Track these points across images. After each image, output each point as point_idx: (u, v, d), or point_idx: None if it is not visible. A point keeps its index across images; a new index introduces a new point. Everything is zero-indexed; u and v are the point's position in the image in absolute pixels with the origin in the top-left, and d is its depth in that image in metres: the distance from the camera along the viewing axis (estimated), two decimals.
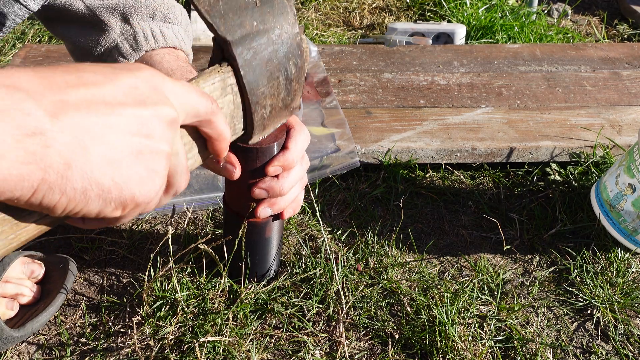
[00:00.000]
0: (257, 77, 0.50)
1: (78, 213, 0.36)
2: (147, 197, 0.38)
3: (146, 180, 0.38)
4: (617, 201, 0.87)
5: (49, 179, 0.32)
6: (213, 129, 0.45)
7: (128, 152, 0.36)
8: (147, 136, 0.37)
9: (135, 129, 0.36)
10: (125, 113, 0.36)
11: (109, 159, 0.35)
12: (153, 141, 0.37)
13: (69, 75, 0.35)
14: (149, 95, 0.38)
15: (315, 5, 1.63)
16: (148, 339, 0.73)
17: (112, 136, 0.35)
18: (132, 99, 0.36)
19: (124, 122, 0.36)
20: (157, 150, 0.38)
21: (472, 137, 1.02)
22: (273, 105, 0.53)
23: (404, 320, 0.77)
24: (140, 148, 0.37)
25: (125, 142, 0.36)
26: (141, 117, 0.37)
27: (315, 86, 1.14)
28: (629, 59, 1.29)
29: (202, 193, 0.93)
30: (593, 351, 0.76)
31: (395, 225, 0.92)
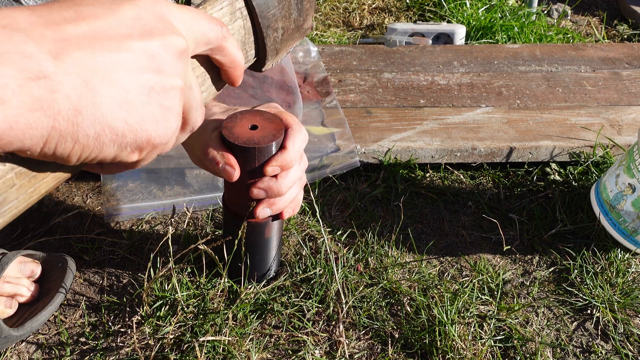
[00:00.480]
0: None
1: (94, 159, 0.34)
2: (164, 138, 0.36)
3: (161, 120, 0.35)
4: (617, 201, 0.87)
5: (59, 127, 0.31)
6: (226, 56, 0.42)
7: (139, 91, 0.34)
8: (157, 71, 0.35)
9: (144, 64, 0.34)
10: (132, 47, 0.33)
11: (120, 100, 0.33)
12: (164, 76, 0.35)
13: (66, 11, 0.32)
14: (155, 25, 0.35)
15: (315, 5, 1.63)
16: (148, 339, 0.73)
17: (120, 74, 0.33)
18: (137, 31, 0.34)
19: (131, 57, 0.33)
20: (170, 85, 0.35)
21: (472, 137, 1.02)
22: (285, 27, 0.50)
23: (403, 320, 0.77)
24: (151, 84, 0.34)
25: (136, 79, 0.33)
26: (149, 51, 0.34)
27: (315, 86, 1.14)
28: (628, 59, 1.29)
29: (202, 193, 0.93)
30: (593, 351, 0.76)
31: (395, 225, 0.92)
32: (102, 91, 0.32)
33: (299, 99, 1.08)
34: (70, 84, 0.30)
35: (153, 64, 0.34)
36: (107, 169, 0.39)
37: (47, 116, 0.30)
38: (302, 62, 1.21)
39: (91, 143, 0.32)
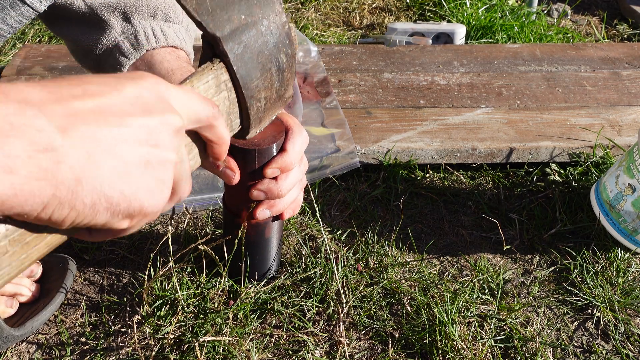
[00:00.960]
0: (250, 71, 0.50)
1: (86, 225, 0.36)
2: (155, 207, 0.38)
3: (154, 191, 0.38)
4: (617, 201, 0.87)
5: (60, 195, 0.33)
6: (214, 134, 0.45)
7: (137, 164, 0.36)
8: (154, 146, 0.37)
9: (143, 138, 0.36)
10: (134, 123, 0.36)
11: (119, 171, 0.35)
12: (160, 150, 0.38)
13: (75, 88, 0.35)
14: (155, 104, 0.38)
15: (315, 6, 1.63)
16: (148, 339, 0.73)
17: (121, 148, 0.35)
18: (138, 109, 0.37)
19: (132, 132, 0.36)
20: (165, 159, 0.38)
21: (472, 138, 1.02)
22: (267, 97, 0.53)
23: (404, 319, 0.77)
24: (148, 158, 0.37)
25: (134, 153, 0.36)
26: (148, 127, 0.37)
27: (315, 86, 1.15)
28: (628, 59, 1.29)
29: (202, 193, 0.93)
30: (593, 350, 0.76)
31: (395, 225, 0.92)
32: (103, 163, 0.34)
33: (299, 100, 1.08)
34: (75, 156, 0.33)
35: (151, 138, 0.37)
36: (95, 236, 0.41)
37: (51, 185, 0.32)
38: (302, 62, 1.21)
39: (87, 210, 0.34)
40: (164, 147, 0.38)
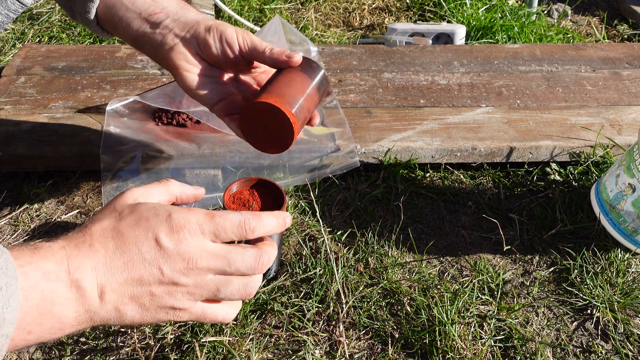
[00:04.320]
0: None
1: None
2: (182, 319, 0.53)
3: (171, 316, 0.52)
4: (617, 201, 0.87)
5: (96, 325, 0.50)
6: None
7: (149, 304, 0.50)
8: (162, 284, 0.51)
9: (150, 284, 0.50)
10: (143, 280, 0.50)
11: (138, 314, 0.50)
12: (166, 287, 0.51)
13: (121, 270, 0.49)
14: (148, 254, 0.50)
15: (315, 6, 1.63)
16: (148, 339, 0.73)
17: (136, 298, 0.50)
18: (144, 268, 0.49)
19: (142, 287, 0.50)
20: (168, 292, 0.51)
21: (472, 137, 1.02)
22: None
23: (403, 319, 0.77)
24: (156, 295, 0.50)
25: (145, 298, 0.50)
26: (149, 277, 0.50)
27: None
28: (629, 59, 1.29)
29: None
30: (593, 350, 0.76)
31: (395, 225, 0.92)
32: (125, 312, 0.49)
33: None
34: (104, 314, 0.49)
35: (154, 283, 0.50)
36: None
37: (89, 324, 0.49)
38: None
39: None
40: (169, 284, 0.50)
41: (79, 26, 1.42)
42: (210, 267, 0.51)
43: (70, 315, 0.46)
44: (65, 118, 1.01)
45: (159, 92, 1.06)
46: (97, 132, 0.98)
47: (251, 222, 0.53)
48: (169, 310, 0.51)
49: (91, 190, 0.96)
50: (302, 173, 0.96)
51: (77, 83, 1.11)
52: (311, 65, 0.71)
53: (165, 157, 0.94)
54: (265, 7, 1.57)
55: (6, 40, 1.36)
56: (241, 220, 0.52)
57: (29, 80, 1.11)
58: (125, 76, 1.14)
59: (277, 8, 1.58)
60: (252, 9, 1.57)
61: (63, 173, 0.97)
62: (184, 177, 0.94)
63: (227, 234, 0.52)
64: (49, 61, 1.17)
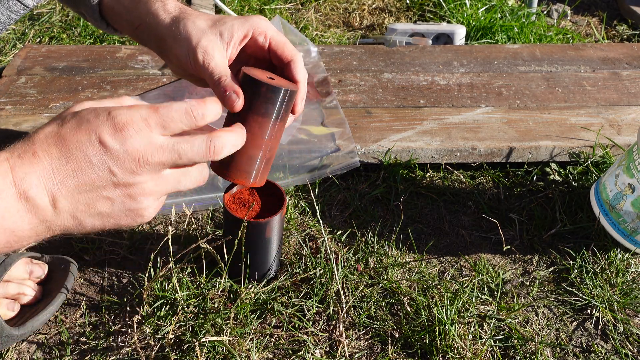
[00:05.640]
0: None
1: None
2: (138, 222, 0.52)
3: (130, 217, 0.51)
4: (616, 201, 0.87)
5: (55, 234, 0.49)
6: None
7: (104, 207, 0.49)
8: (116, 186, 0.49)
9: (102, 186, 0.49)
10: (93, 182, 0.48)
11: (97, 219, 0.50)
12: (121, 188, 0.49)
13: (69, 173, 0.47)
14: (95, 156, 0.48)
15: (315, 6, 1.63)
16: (148, 339, 0.73)
17: (90, 202, 0.49)
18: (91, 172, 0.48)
19: (93, 190, 0.48)
20: (125, 193, 0.49)
21: (472, 137, 1.02)
22: None
23: (403, 319, 0.78)
24: (111, 198, 0.49)
25: (100, 201, 0.49)
26: (100, 178, 0.49)
27: (316, 86, 1.15)
28: (628, 59, 1.29)
29: (202, 193, 0.93)
30: (592, 350, 0.76)
31: (395, 225, 0.92)
32: (83, 219, 0.49)
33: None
34: (61, 222, 0.48)
35: (108, 184, 0.48)
36: None
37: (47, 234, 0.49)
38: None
39: (89, 230, 0.50)
40: (123, 184, 0.48)
41: (79, 26, 1.42)
42: (161, 161, 0.49)
43: (24, 228, 0.46)
44: None
45: (159, 92, 1.07)
46: None
47: (198, 108, 0.50)
48: (131, 212, 0.50)
49: None
50: (302, 173, 0.96)
51: (77, 83, 1.11)
52: (264, 94, 0.59)
53: None
54: (266, 7, 1.57)
55: (7, 41, 1.37)
56: (187, 107, 0.50)
57: (29, 80, 1.12)
58: (125, 76, 1.14)
59: (277, 8, 1.58)
60: (252, 9, 1.57)
61: None
62: None
63: (175, 124, 0.49)
64: (49, 61, 1.17)
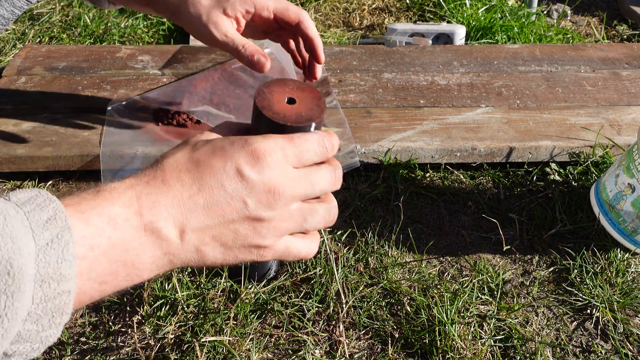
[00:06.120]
0: None
1: None
2: (263, 258, 0.48)
3: (254, 255, 0.47)
4: (616, 201, 0.87)
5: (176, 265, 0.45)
6: None
7: (231, 241, 0.46)
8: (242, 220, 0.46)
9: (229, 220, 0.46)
10: (223, 217, 0.45)
11: (219, 253, 0.46)
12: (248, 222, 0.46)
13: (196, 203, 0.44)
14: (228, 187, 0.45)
15: (315, 6, 1.63)
16: (148, 338, 0.73)
17: (217, 236, 0.46)
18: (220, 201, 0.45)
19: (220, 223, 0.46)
20: (251, 231, 0.46)
21: (472, 137, 1.02)
22: None
23: (403, 319, 0.78)
24: (238, 233, 0.46)
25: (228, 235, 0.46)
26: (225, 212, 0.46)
27: (316, 86, 1.15)
28: (628, 59, 1.29)
29: None
30: (592, 350, 0.76)
31: (395, 225, 0.92)
32: (207, 253, 0.45)
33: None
34: (185, 256, 0.45)
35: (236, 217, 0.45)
36: None
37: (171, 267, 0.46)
38: None
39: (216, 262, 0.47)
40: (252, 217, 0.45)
41: (79, 27, 1.42)
42: (295, 194, 0.46)
43: (146, 261, 0.42)
44: (65, 118, 1.02)
45: (160, 93, 1.07)
46: (98, 132, 0.98)
47: (328, 138, 0.49)
48: (253, 249, 0.46)
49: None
50: None
51: (77, 83, 1.11)
52: None
53: None
54: None
55: (7, 41, 1.37)
56: (319, 138, 0.48)
57: (29, 80, 1.12)
58: (125, 76, 1.14)
59: None
60: None
61: (63, 173, 0.98)
62: None
63: (309, 155, 0.47)
64: (49, 61, 1.17)
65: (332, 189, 0.50)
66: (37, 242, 0.36)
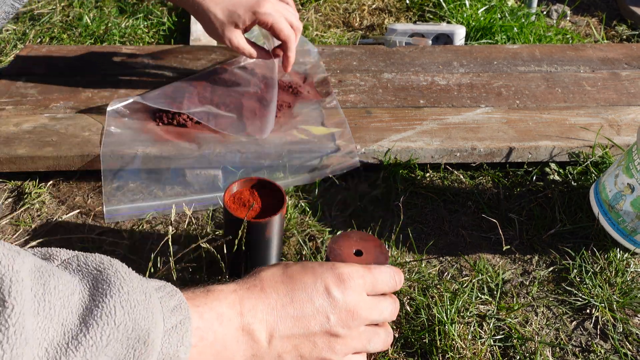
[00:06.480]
0: None
1: None
2: None
3: None
4: (616, 201, 0.87)
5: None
6: None
7: None
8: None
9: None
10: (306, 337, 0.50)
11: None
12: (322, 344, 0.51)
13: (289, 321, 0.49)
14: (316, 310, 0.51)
15: (315, 6, 1.63)
16: None
17: None
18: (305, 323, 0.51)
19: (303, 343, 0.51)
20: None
21: (472, 137, 1.02)
22: None
23: (403, 319, 0.78)
24: None
25: None
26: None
27: (315, 86, 1.15)
28: (627, 59, 1.30)
29: (202, 193, 0.93)
30: (592, 350, 0.76)
31: (395, 225, 0.92)
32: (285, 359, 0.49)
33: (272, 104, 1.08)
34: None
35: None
36: None
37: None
38: (303, 62, 1.22)
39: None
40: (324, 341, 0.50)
41: (80, 27, 1.43)
42: (368, 317, 0.52)
43: (239, 358, 0.47)
44: (66, 118, 1.02)
45: (160, 93, 1.07)
46: (98, 132, 0.98)
47: (398, 274, 0.58)
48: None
49: (92, 190, 0.96)
50: (302, 173, 0.97)
51: (78, 83, 1.12)
52: None
53: (165, 157, 0.94)
54: None
55: (7, 41, 1.37)
56: (391, 272, 0.56)
57: (30, 80, 1.12)
58: (126, 76, 1.14)
59: None
60: None
61: (64, 173, 0.98)
62: (184, 177, 0.95)
63: (382, 286, 0.54)
64: (50, 61, 1.18)
65: (392, 319, 0.56)
66: (165, 324, 0.42)
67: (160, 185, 0.94)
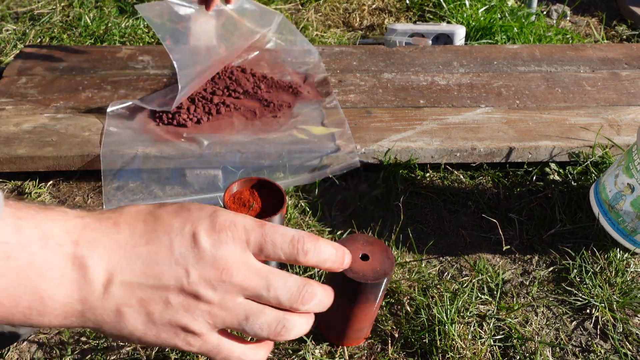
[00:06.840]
0: None
1: None
2: (184, 348, 0.42)
3: (177, 341, 0.41)
4: (616, 201, 0.87)
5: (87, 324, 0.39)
6: None
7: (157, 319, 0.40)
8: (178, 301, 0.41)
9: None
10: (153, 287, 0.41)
11: (141, 325, 0.40)
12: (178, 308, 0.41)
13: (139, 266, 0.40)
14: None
15: (315, 6, 1.63)
16: None
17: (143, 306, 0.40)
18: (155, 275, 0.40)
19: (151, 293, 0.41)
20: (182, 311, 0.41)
21: (472, 137, 1.02)
22: None
23: (403, 319, 0.78)
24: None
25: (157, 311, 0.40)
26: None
27: (316, 86, 1.15)
28: (627, 59, 1.30)
29: (202, 193, 0.93)
30: (592, 350, 0.76)
31: (395, 225, 0.92)
32: (128, 319, 0.39)
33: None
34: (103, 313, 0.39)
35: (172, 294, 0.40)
36: None
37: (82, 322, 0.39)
38: (303, 62, 1.22)
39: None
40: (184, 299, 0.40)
41: (80, 27, 1.43)
42: (245, 285, 0.40)
43: (58, 300, 0.36)
44: (66, 118, 1.02)
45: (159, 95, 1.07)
46: (98, 132, 0.98)
47: (306, 241, 0.42)
48: (179, 331, 0.40)
49: (92, 190, 0.96)
50: (302, 173, 0.97)
51: (78, 83, 1.12)
52: (365, 291, 0.61)
53: (165, 157, 0.94)
54: None
55: (7, 41, 1.37)
56: (295, 236, 0.42)
57: (30, 80, 1.12)
58: (126, 76, 1.14)
59: (278, 9, 1.59)
60: None
61: (64, 173, 0.98)
62: (184, 177, 0.95)
63: (274, 250, 0.41)
64: (50, 62, 1.18)
65: (289, 303, 0.42)
66: None
67: (160, 185, 0.94)
